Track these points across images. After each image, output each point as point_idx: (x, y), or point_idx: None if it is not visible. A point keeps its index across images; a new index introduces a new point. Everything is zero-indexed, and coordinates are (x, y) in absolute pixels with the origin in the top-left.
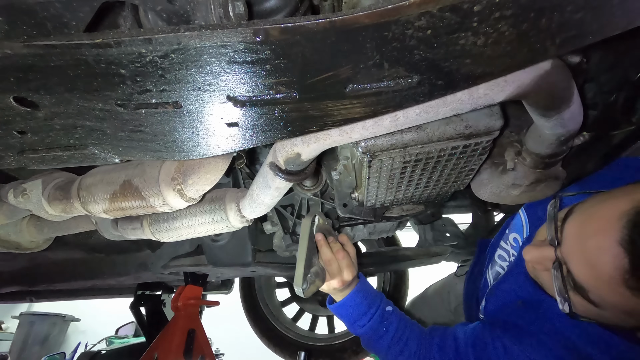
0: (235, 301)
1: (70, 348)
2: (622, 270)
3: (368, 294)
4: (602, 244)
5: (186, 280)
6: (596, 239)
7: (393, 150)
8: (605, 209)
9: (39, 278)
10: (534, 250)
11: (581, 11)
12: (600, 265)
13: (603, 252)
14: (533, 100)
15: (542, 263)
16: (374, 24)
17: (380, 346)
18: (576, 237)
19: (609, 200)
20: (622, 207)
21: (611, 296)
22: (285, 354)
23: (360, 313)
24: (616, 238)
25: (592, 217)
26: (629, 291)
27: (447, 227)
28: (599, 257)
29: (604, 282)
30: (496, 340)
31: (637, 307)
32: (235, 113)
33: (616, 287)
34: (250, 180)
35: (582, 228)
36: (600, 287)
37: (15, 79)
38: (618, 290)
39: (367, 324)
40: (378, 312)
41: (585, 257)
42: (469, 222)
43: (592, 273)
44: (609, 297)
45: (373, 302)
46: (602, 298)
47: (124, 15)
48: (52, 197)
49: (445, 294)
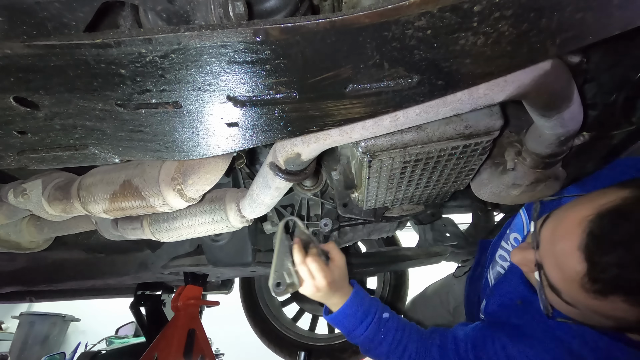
0: (235, 301)
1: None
2: (581, 274)
3: (363, 303)
4: (565, 249)
5: (186, 280)
6: (561, 244)
7: (393, 150)
8: (572, 214)
9: (39, 278)
10: (519, 253)
11: (581, 11)
12: (565, 269)
13: (566, 257)
14: (533, 100)
15: (527, 265)
16: (374, 24)
17: (379, 353)
18: (548, 241)
19: (576, 206)
20: (584, 213)
21: (578, 297)
22: (285, 354)
23: (356, 323)
24: (576, 243)
25: (561, 222)
26: (588, 294)
27: (447, 227)
28: (564, 261)
29: (569, 285)
30: (496, 341)
31: (601, 308)
32: (235, 113)
33: (579, 290)
34: (250, 180)
35: (553, 232)
36: (568, 289)
37: (15, 79)
38: (580, 292)
39: (364, 334)
40: (374, 321)
41: (555, 260)
42: (469, 222)
43: (560, 276)
44: (576, 298)
45: (368, 311)
46: (573, 299)
47: (124, 15)
48: (52, 197)
49: (444, 295)
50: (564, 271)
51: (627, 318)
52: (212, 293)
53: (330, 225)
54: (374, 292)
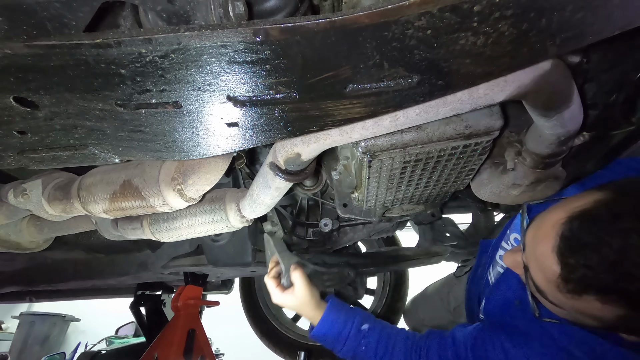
0: (235, 301)
1: (70, 348)
2: (557, 275)
3: (336, 319)
4: (543, 252)
5: (186, 280)
6: (540, 246)
7: (393, 150)
8: (549, 217)
9: (39, 278)
10: (510, 256)
11: (581, 11)
12: (545, 271)
13: (544, 259)
14: (533, 100)
15: (517, 267)
16: (374, 24)
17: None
18: (531, 244)
19: (554, 210)
20: (559, 216)
21: (558, 298)
22: (285, 354)
23: (333, 340)
24: (551, 245)
25: (540, 225)
26: (563, 294)
27: (447, 227)
28: (543, 263)
29: (550, 286)
30: (496, 341)
31: (579, 307)
32: (235, 113)
33: (556, 290)
34: (250, 180)
35: (534, 236)
36: (550, 290)
37: (15, 79)
38: (558, 293)
39: (344, 348)
40: (351, 334)
41: (537, 262)
42: (469, 222)
43: (542, 277)
44: (557, 298)
45: (343, 327)
46: (556, 299)
47: (124, 15)
48: (52, 197)
49: (445, 294)
50: (544, 273)
51: (606, 316)
52: (212, 293)
53: (330, 225)
54: (374, 292)
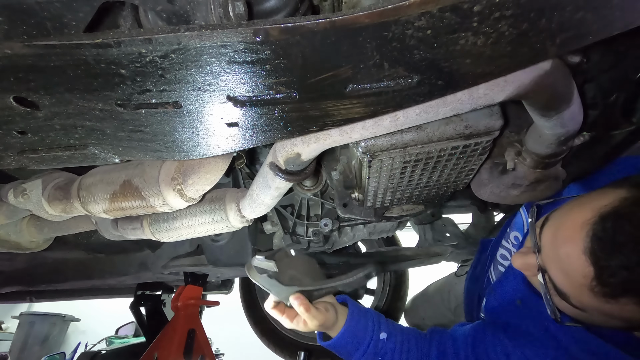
0: (235, 301)
1: (70, 348)
2: (589, 278)
3: (357, 330)
4: (570, 253)
5: (186, 280)
6: (565, 248)
7: (393, 150)
8: (572, 217)
9: (39, 278)
10: (520, 258)
11: (581, 11)
12: (571, 273)
13: (572, 261)
14: (533, 100)
15: (529, 269)
16: (374, 24)
17: None
18: (550, 245)
19: (575, 208)
20: (585, 216)
21: (587, 301)
22: (285, 354)
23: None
24: (580, 247)
25: (562, 225)
26: (596, 297)
27: (447, 227)
28: (570, 265)
29: (577, 289)
30: (496, 341)
31: (611, 310)
32: (235, 113)
33: (587, 293)
34: (250, 180)
35: (554, 236)
36: (577, 293)
37: (15, 79)
38: (589, 296)
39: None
40: (370, 347)
41: (560, 265)
42: (469, 222)
43: (568, 280)
44: (586, 301)
45: (363, 339)
46: (582, 303)
47: (124, 15)
48: (52, 197)
49: (446, 294)
50: (571, 276)
51: (638, 318)
52: (212, 293)
53: (330, 225)
54: (374, 292)
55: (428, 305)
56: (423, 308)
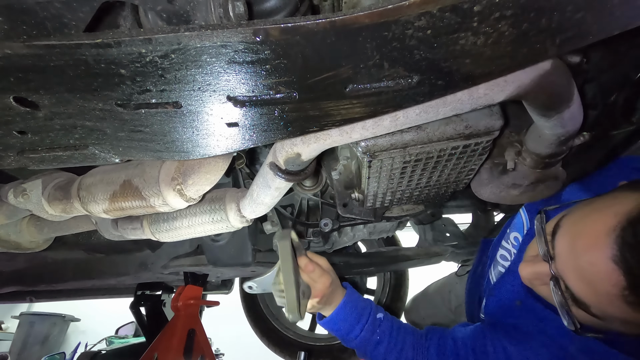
0: (235, 301)
1: (70, 348)
2: (620, 287)
3: (357, 304)
4: (595, 261)
5: (186, 280)
6: (588, 256)
7: (393, 150)
8: (593, 223)
9: (39, 278)
10: (529, 267)
11: (581, 11)
12: (597, 282)
13: (597, 269)
14: (533, 100)
15: (540, 278)
16: (374, 24)
17: (376, 355)
18: (569, 254)
19: (594, 214)
20: (609, 222)
21: (613, 310)
22: (285, 354)
23: (351, 326)
24: (608, 255)
25: (582, 232)
26: (629, 306)
27: (447, 227)
28: (594, 274)
29: (603, 298)
30: (496, 342)
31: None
32: (235, 113)
33: (616, 302)
34: (250, 180)
35: (573, 244)
36: (601, 302)
37: (15, 79)
38: (618, 305)
39: (360, 336)
40: (369, 322)
41: (581, 273)
42: (469, 222)
43: (590, 289)
44: (610, 311)
45: (362, 312)
46: (605, 312)
47: (124, 15)
48: (52, 197)
49: (446, 293)
50: (595, 284)
51: None
52: (212, 293)
53: (330, 225)
54: (374, 292)
55: (428, 305)
56: (423, 308)
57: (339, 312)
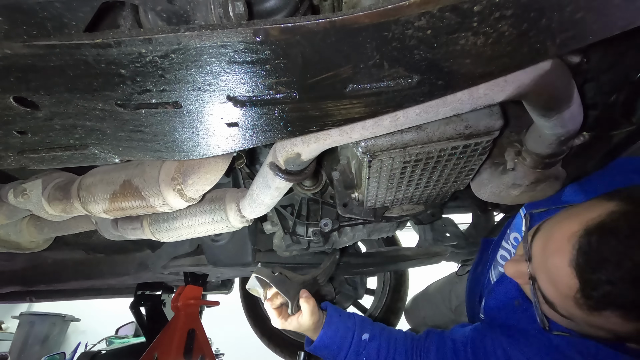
0: (235, 301)
1: (70, 348)
2: (574, 289)
3: (337, 331)
4: (557, 265)
5: (186, 280)
6: (553, 259)
7: (393, 150)
8: (561, 229)
9: (39, 278)
10: (512, 265)
11: (581, 11)
12: (558, 284)
13: (559, 272)
14: (533, 100)
15: (521, 277)
16: (374, 24)
17: None
18: (540, 255)
19: (565, 220)
20: (573, 228)
21: (573, 312)
22: (285, 354)
23: (334, 354)
24: (567, 259)
25: (551, 236)
26: (582, 309)
27: (447, 227)
28: (557, 276)
29: (563, 300)
30: (495, 342)
31: (596, 322)
32: (235, 113)
33: (573, 305)
34: (250, 180)
35: (544, 247)
36: (563, 303)
37: (15, 79)
38: (575, 307)
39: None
40: (352, 348)
41: (548, 275)
42: (469, 222)
43: (554, 290)
44: (572, 312)
45: (344, 338)
46: (568, 313)
47: (124, 15)
48: (52, 197)
49: (447, 293)
50: (558, 286)
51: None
52: (212, 293)
53: (330, 225)
54: (374, 292)
55: (429, 304)
56: (424, 308)
57: (320, 341)
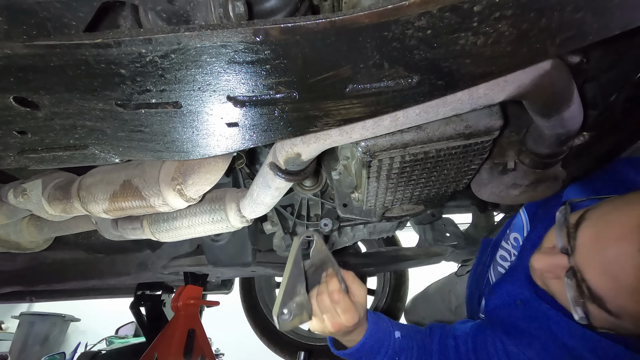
0: (235, 301)
1: (70, 348)
2: None
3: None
4: (622, 253)
5: (186, 280)
6: (615, 248)
7: (393, 150)
8: (623, 216)
9: (39, 278)
10: (545, 258)
11: (581, 11)
12: (621, 276)
13: (624, 262)
14: (533, 100)
15: (553, 271)
16: (374, 24)
17: None
18: (592, 246)
19: (624, 207)
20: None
21: (632, 306)
22: (285, 354)
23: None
24: (637, 247)
25: (609, 225)
26: None
27: (447, 227)
28: (620, 266)
29: (625, 293)
30: (496, 340)
31: None
32: (235, 113)
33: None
34: (250, 180)
35: (598, 236)
36: (621, 297)
37: (15, 79)
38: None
39: None
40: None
41: (604, 266)
42: (469, 222)
43: (611, 283)
44: (630, 307)
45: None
46: (623, 308)
47: (124, 15)
48: (52, 197)
49: (446, 293)
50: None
51: None
52: (212, 293)
53: (330, 225)
54: (374, 292)
55: (428, 305)
56: (423, 308)
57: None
